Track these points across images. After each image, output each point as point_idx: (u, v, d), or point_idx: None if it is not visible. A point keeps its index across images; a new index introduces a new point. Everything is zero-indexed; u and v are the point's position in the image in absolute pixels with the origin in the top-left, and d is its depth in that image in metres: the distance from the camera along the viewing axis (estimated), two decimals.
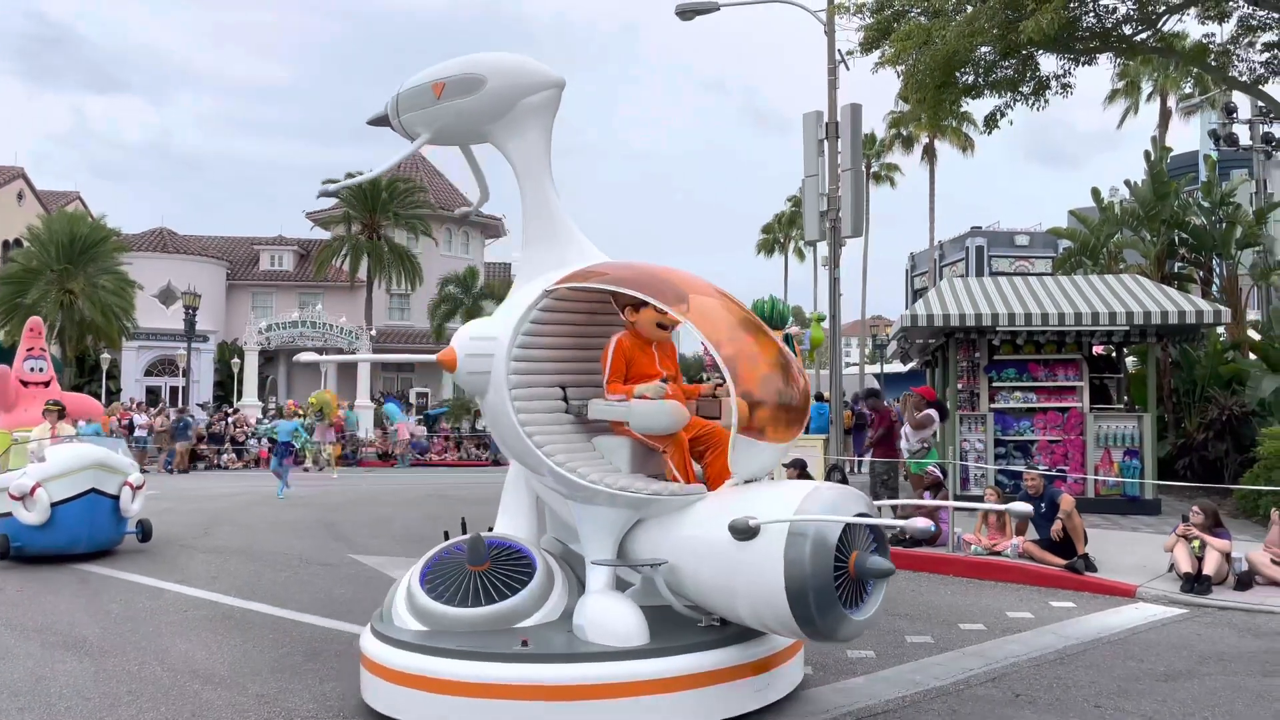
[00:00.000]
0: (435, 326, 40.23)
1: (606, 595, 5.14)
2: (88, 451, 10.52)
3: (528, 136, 5.89)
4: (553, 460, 5.17)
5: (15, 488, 10.01)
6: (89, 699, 5.65)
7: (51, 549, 10.20)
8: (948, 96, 18.46)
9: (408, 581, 5.45)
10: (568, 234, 5.95)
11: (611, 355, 5.46)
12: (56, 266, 29.46)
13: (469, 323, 5.83)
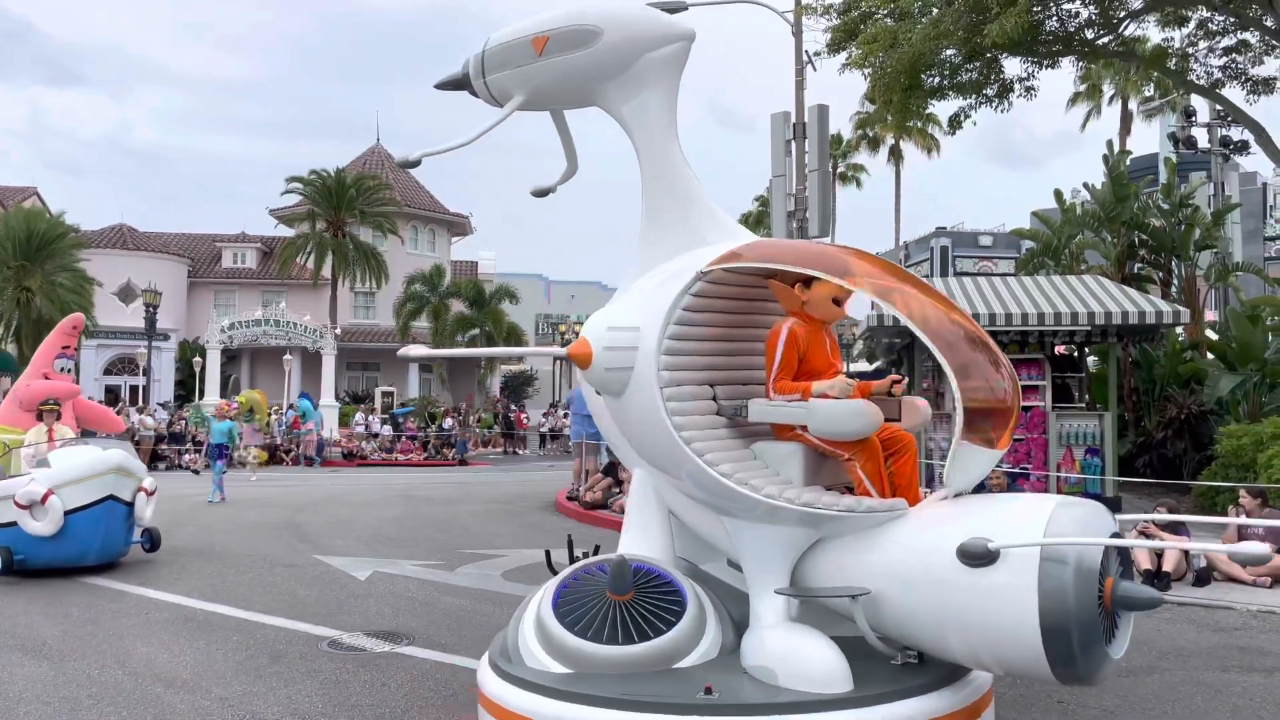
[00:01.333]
0: (401, 325, 39.98)
1: (794, 631, 4.33)
2: (107, 455, 9.63)
3: (650, 97, 5.08)
4: (717, 471, 4.37)
5: (24, 495, 9.16)
6: (48, 703, 5.55)
7: (59, 562, 9.36)
8: (914, 98, 18.62)
9: (536, 612, 4.56)
10: (704, 208, 5.17)
11: (783, 346, 4.58)
12: (13, 264, 28.92)
13: (601, 312, 4.93)
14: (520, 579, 9.25)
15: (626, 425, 4.86)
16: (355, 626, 7.30)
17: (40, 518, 9.15)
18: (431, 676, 6.02)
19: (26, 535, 9.18)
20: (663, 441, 4.50)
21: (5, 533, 9.36)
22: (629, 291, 5.14)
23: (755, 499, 4.28)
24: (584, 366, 4.70)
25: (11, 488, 9.41)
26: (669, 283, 4.70)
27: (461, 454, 29.88)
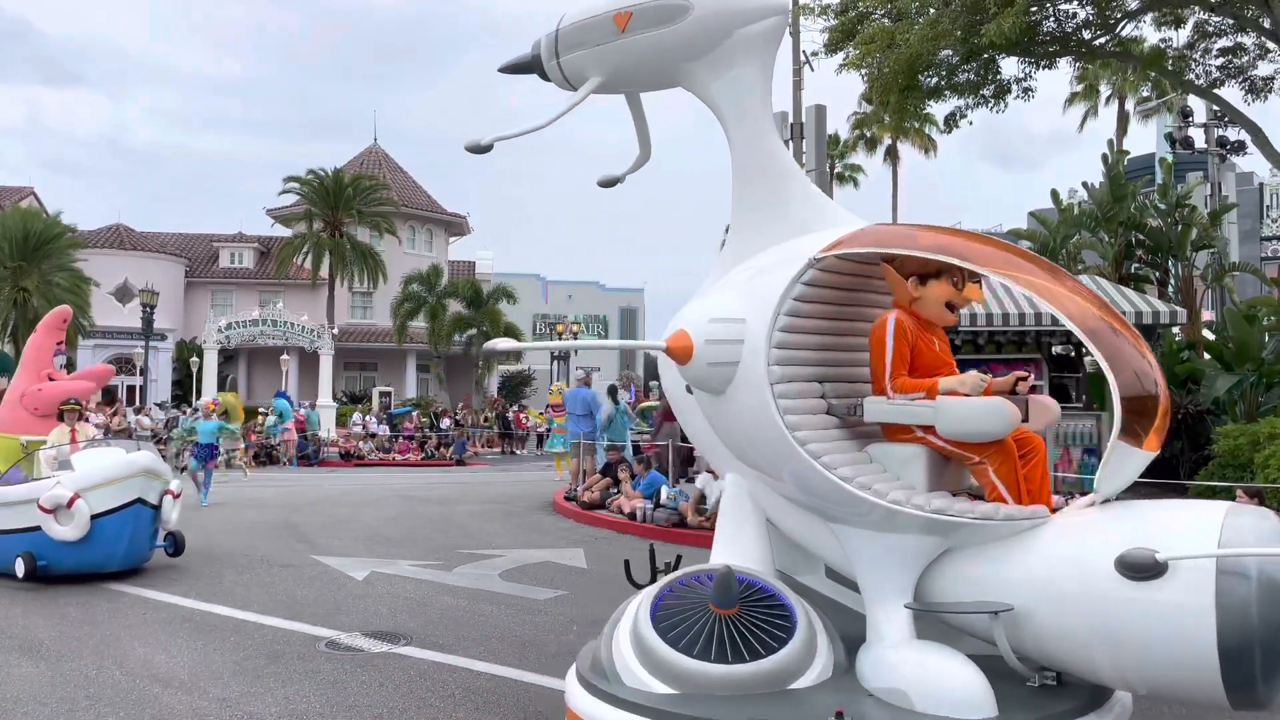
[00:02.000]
0: (398, 325, 39.98)
1: (927, 649, 3.94)
2: (135, 457, 9.32)
3: (743, 76, 4.70)
4: (837, 475, 4.03)
5: (48, 499, 8.83)
6: (45, 704, 5.54)
7: (83, 567, 9.08)
8: (911, 99, 18.63)
9: (633, 625, 4.19)
10: (803, 193, 4.79)
11: (892, 339, 4.21)
12: (10, 263, 28.90)
13: (699, 303, 4.57)
14: (518, 579, 9.25)
15: (726, 425, 4.50)
16: (353, 627, 7.30)
17: (65, 522, 8.83)
18: (429, 677, 6.02)
19: (50, 540, 8.89)
20: (772, 443, 4.17)
21: (28, 537, 9.08)
22: (724, 282, 4.72)
23: (882, 506, 3.94)
24: (682, 361, 4.36)
25: (35, 491, 9.11)
26: (775, 270, 4.34)
27: (459, 454, 29.86)
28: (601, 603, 8.21)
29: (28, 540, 9.05)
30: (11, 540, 9.20)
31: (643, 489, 13.27)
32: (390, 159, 49.66)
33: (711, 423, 4.64)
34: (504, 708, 5.42)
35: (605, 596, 8.50)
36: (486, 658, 6.42)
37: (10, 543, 9.20)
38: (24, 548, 9.06)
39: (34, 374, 11.33)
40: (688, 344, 4.32)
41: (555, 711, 5.36)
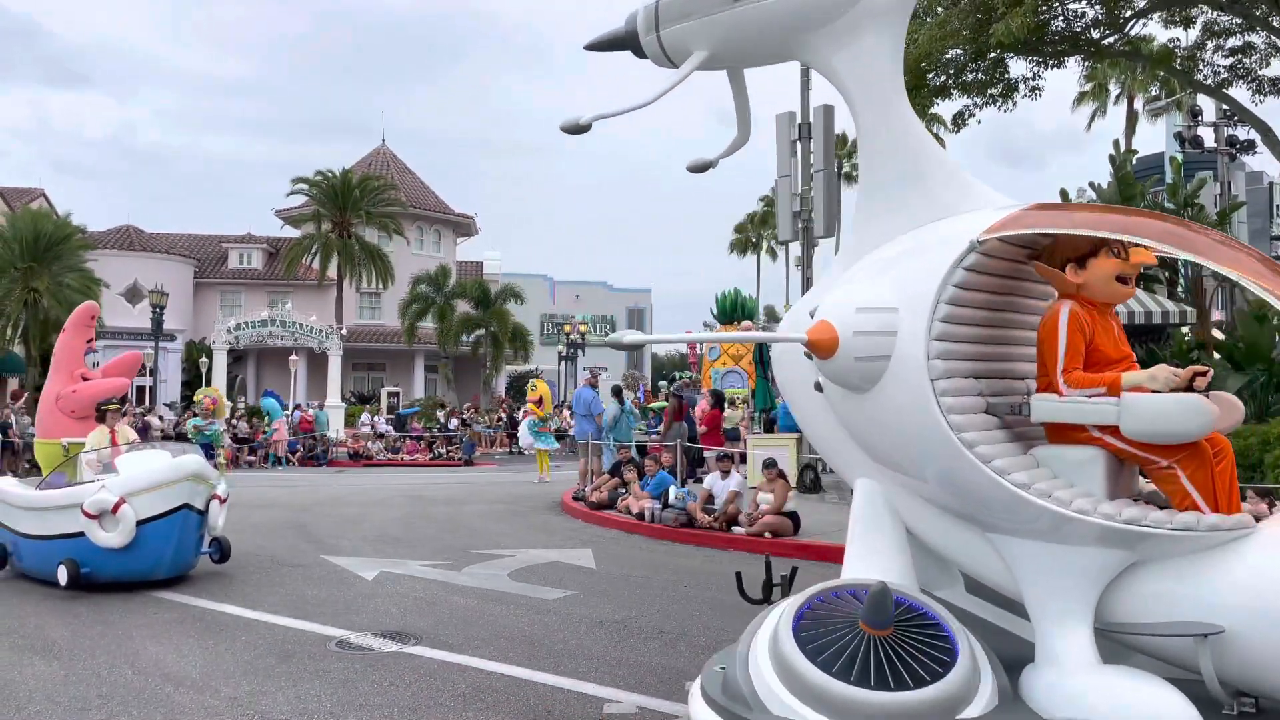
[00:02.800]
0: (407, 326, 40.08)
1: (1120, 676, 3.55)
2: (183, 461, 8.88)
3: (870, 47, 4.28)
4: (1010, 481, 3.63)
5: (93, 504, 8.43)
6: (59, 702, 5.58)
7: (128, 575, 8.67)
8: (919, 98, 18.62)
9: (773, 643, 3.78)
10: (944, 171, 4.35)
11: (1065, 330, 3.81)
12: (21, 264, 29.04)
13: (841, 291, 4.16)
14: (527, 579, 9.28)
15: (868, 425, 4.11)
16: (363, 626, 7.32)
17: (110, 528, 8.43)
18: (439, 676, 6.04)
19: (94, 546, 8.48)
20: (931, 445, 3.78)
21: (71, 544, 8.66)
22: (861, 269, 4.30)
23: (1064, 514, 3.55)
24: (826, 355, 3.95)
25: (78, 495, 8.68)
26: (927, 254, 3.96)
27: (467, 454, 29.93)
28: (610, 603, 8.25)
29: (71, 547, 8.64)
30: (54, 546, 8.84)
31: (651, 489, 13.29)
32: (398, 160, 49.79)
33: (845, 421, 4.28)
34: (514, 707, 5.44)
35: (614, 597, 8.53)
36: (496, 657, 6.44)
37: (52, 549, 8.85)
38: (67, 554, 8.63)
39: (67, 375, 10.95)
40: (832, 336, 3.91)
41: (564, 711, 5.39)
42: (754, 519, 11.36)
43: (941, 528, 4.12)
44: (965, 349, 3.94)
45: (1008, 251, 4.05)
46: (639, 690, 5.74)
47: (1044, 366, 3.92)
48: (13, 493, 9.70)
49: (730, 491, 11.95)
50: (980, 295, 4.02)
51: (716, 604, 8.23)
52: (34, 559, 9.22)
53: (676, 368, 55.37)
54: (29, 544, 9.24)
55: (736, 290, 26.92)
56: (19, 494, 9.63)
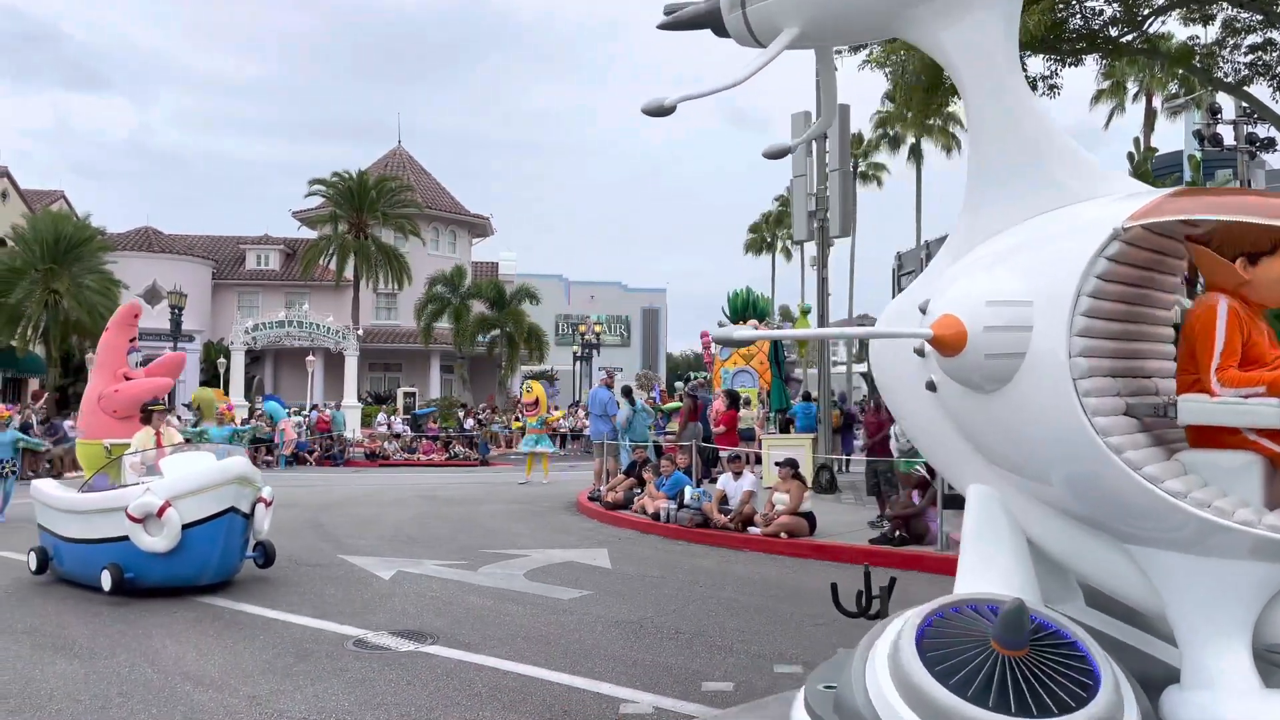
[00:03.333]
0: (423, 326, 40.22)
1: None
2: (230, 463, 8.62)
3: (981, 20, 3.97)
4: (1164, 489, 3.36)
5: (137, 507, 8.21)
6: (80, 700, 5.63)
7: (172, 581, 8.43)
8: (935, 97, 18.54)
9: (895, 662, 3.49)
10: (1069, 155, 4.02)
11: (1224, 327, 3.55)
12: (41, 266, 29.33)
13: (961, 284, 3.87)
14: (543, 579, 9.30)
15: (995, 425, 3.81)
16: (380, 626, 7.36)
17: (155, 532, 8.21)
18: (456, 676, 6.07)
19: (138, 551, 8.27)
20: (1071, 449, 3.50)
21: (114, 548, 8.43)
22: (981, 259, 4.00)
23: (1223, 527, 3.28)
24: (952, 352, 3.65)
25: (122, 498, 8.47)
26: (1059, 243, 3.70)
27: (483, 454, 30.01)
28: (626, 603, 8.25)
29: (114, 551, 8.42)
30: (97, 551, 8.62)
31: (666, 489, 13.30)
32: (414, 161, 49.98)
33: (961, 423, 4.01)
34: (530, 707, 5.46)
35: (630, 597, 8.54)
36: (513, 657, 6.46)
37: (96, 553, 8.63)
38: (110, 559, 8.42)
39: (109, 375, 10.62)
40: (959, 331, 3.62)
41: (581, 711, 5.40)
42: (770, 519, 11.35)
43: (1066, 537, 3.82)
44: (1105, 346, 3.65)
45: (1150, 241, 3.75)
46: (655, 690, 5.74)
47: (1189, 364, 3.65)
48: (54, 495, 9.49)
49: (745, 492, 11.94)
50: (1118, 288, 3.71)
51: (732, 604, 8.23)
52: (76, 563, 8.99)
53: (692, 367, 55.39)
54: (70, 548, 9.01)
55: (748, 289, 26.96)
56: (60, 496, 9.42)
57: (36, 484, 9.91)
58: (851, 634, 7.11)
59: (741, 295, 27.07)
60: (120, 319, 11.34)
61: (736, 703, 5.53)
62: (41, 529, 9.56)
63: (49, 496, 9.52)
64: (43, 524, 9.54)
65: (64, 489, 9.68)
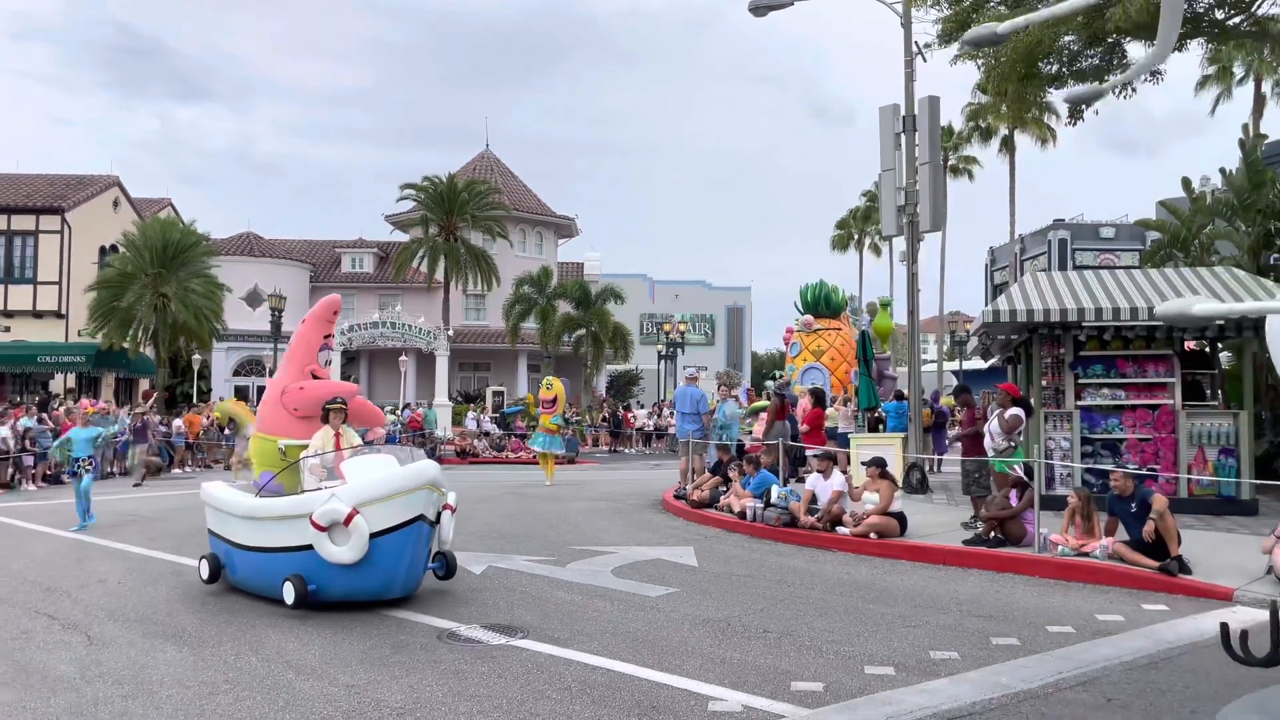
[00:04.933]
0: (510, 326, 40.77)
1: None
2: (420, 468, 7.88)
3: None
4: None
5: (323, 514, 7.56)
6: (189, 687, 5.87)
7: (358, 594, 7.80)
8: (1030, 88, 18.04)
9: None
10: None
11: None
12: (150, 271, 30.55)
13: None
14: (630, 576, 9.34)
15: None
16: (472, 619, 7.49)
17: (341, 542, 7.54)
18: (546, 669, 6.14)
19: (322, 562, 7.65)
20: None
21: (297, 558, 7.83)
22: None
23: None
24: None
25: (306, 505, 7.83)
26: None
27: (570, 453, 30.29)
28: (713, 601, 8.24)
29: (297, 561, 7.83)
30: (277, 560, 8.04)
31: (752, 488, 13.21)
32: (501, 163, 50.69)
33: None
34: (620, 702, 5.49)
35: (716, 595, 8.52)
36: (601, 652, 6.51)
37: (277, 563, 8.04)
38: (293, 569, 7.82)
39: (298, 369, 9.93)
40: None
41: (670, 707, 5.40)
42: (859, 519, 11.18)
43: None
44: None
45: None
46: (744, 689, 5.72)
47: None
48: (227, 499, 8.81)
49: (834, 491, 11.79)
50: None
51: (821, 604, 8.14)
52: (252, 573, 8.43)
53: (777, 366, 54.90)
54: (246, 556, 8.42)
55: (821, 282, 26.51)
56: (236, 500, 8.73)
57: (207, 486, 9.19)
58: (944, 637, 7.00)
59: (814, 289, 26.61)
60: (318, 313, 10.43)
61: (827, 703, 5.47)
62: (213, 535, 8.98)
63: (223, 500, 8.83)
64: (214, 530, 8.94)
65: (235, 491, 9.04)
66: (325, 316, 10.40)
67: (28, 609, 8.12)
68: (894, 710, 5.30)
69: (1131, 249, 42.42)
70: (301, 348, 10.13)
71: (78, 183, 37.14)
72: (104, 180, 38.20)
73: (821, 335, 25.18)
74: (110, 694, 5.73)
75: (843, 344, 24.82)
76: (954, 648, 6.65)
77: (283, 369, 10.16)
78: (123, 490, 19.21)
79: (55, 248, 34.48)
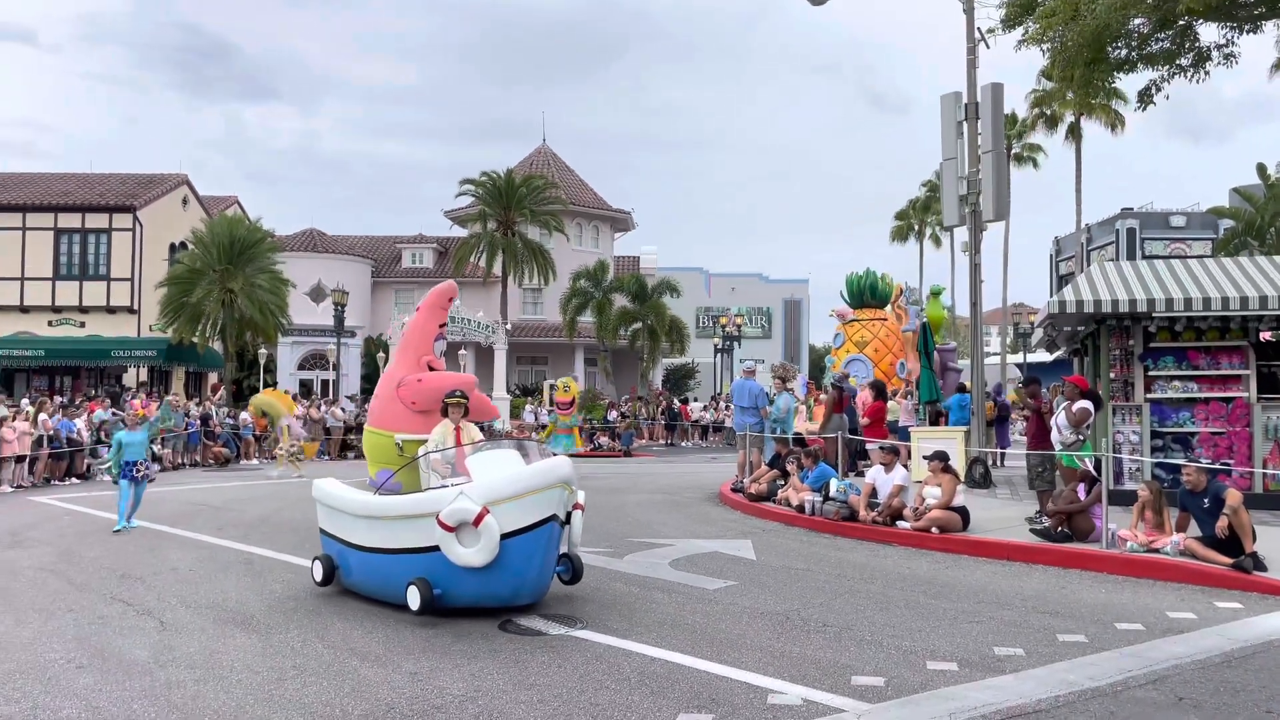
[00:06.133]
0: (567, 320, 41.01)
1: None
2: (554, 464, 7.31)
3: None
4: None
5: (451, 513, 7.02)
6: (258, 672, 6.02)
7: (485, 600, 7.29)
8: (1098, 72, 17.57)
9: None
10: None
11: None
12: (218, 267, 31.33)
13: None
14: (688, 568, 9.34)
15: None
16: (531, 609, 7.54)
17: (470, 543, 7.02)
18: (605, 660, 6.17)
19: (449, 564, 7.12)
20: None
21: (422, 560, 7.32)
22: None
23: None
24: None
25: (431, 503, 7.29)
26: None
27: (627, 445, 30.37)
28: (771, 594, 8.20)
29: (422, 563, 7.31)
30: (401, 563, 7.50)
31: (811, 482, 13.12)
32: (558, 158, 50.95)
33: None
34: (678, 693, 5.49)
35: (775, 588, 8.48)
36: (659, 644, 6.52)
37: (397, 565, 7.53)
38: (418, 573, 7.28)
39: (413, 360, 9.37)
40: None
41: (728, 699, 5.39)
42: (920, 513, 11.04)
43: None
44: None
45: None
46: (804, 682, 5.68)
47: None
48: (343, 496, 8.30)
49: (895, 485, 11.65)
50: None
51: (881, 599, 8.06)
52: (370, 575, 7.92)
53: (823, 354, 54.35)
54: (363, 558, 7.92)
55: (869, 270, 26.00)
56: (352, 498, 8.21)
57: (320, 483, 8.70)
58: (1009, 633, 6.88)
59: (859, 278, 25.94)
60: (432, 300, 9.84)
61: (888, 698, 5.41)
62: (326, 535, 8.48)
63: (338, 498, 8.32)
64: (327, 529, 8.46)
65: (349, 488, 8.50)
66: (439, 304, 9.77)
67: (103, 595, 8.39)
68: (957, 706, 5.22)
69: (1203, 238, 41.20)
70: (416, 337, 9.56)
71: (148, 181, 38.22)
72: (173, 179, 39.26)
73: (865, 326, 24.58)
74: (183, 678, 5.90)
75: (887, 335, 24.24)
76: (1019, 644, 6.54)
77: (397, 360, 9.59)
78: (192, 480, 19.74)
79: (127, 245, 35.57)
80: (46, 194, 36.18)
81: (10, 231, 35.24)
